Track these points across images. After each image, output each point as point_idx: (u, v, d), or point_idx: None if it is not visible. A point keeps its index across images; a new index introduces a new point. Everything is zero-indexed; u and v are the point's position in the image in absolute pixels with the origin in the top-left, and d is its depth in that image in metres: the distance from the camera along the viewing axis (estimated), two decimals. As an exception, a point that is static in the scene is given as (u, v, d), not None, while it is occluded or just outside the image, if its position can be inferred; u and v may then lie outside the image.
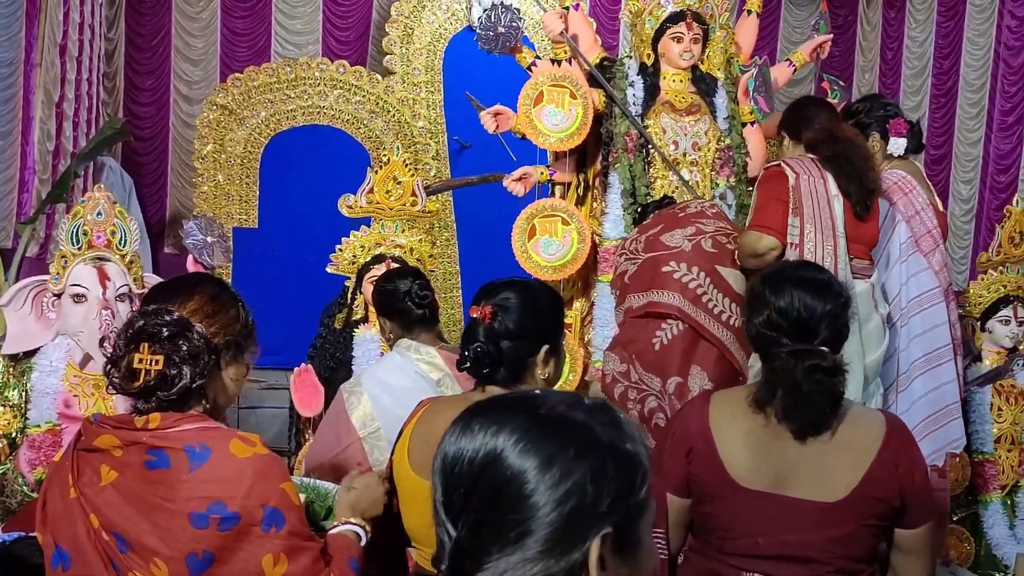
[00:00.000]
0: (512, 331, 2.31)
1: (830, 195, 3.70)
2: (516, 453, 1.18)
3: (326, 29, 9.09)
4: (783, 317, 2.32)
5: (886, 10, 10.41)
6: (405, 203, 4.54)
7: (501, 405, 1.27)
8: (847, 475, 2.30)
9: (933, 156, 9.89)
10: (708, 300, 3.64)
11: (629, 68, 4.70)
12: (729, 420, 2.37)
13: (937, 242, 3.96)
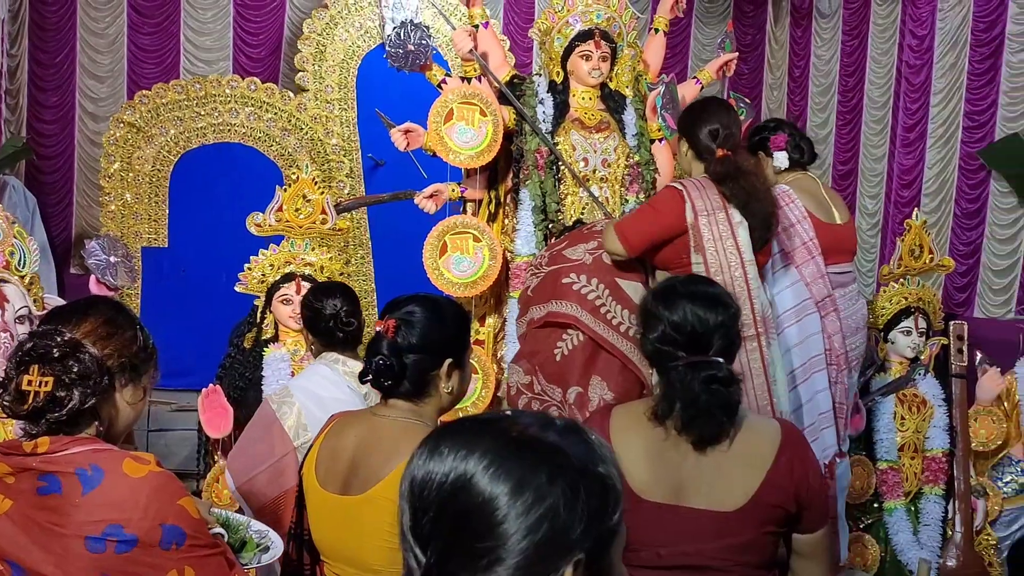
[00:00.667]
0: (414, 345, 2.33)
1: (733, 223, 3.67)
2: (487, 478, 1.14)
3: (237, 46, 9.00)
4: (677, 331, 2.37)
5: (793, 29, 10.64)
6: (315, 221, 4.51)
7: (470, 427, 1.23)
8: (745, 484, 2.35)
9: (840, 171, 10.11)
10: (607, 311, 3.67)
11: (539, 86, 4.72)
12: (629, 433, 2.40)
13: (812, 254, 3.97)
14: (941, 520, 4.76)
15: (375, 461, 2.29)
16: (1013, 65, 8.56)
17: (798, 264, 3.98)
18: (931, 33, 9.21)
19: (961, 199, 8.92)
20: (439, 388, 2.36)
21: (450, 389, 2.37)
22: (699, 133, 3.81)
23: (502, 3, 9.48)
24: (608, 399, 3.55)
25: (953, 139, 9.04)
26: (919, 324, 4.82)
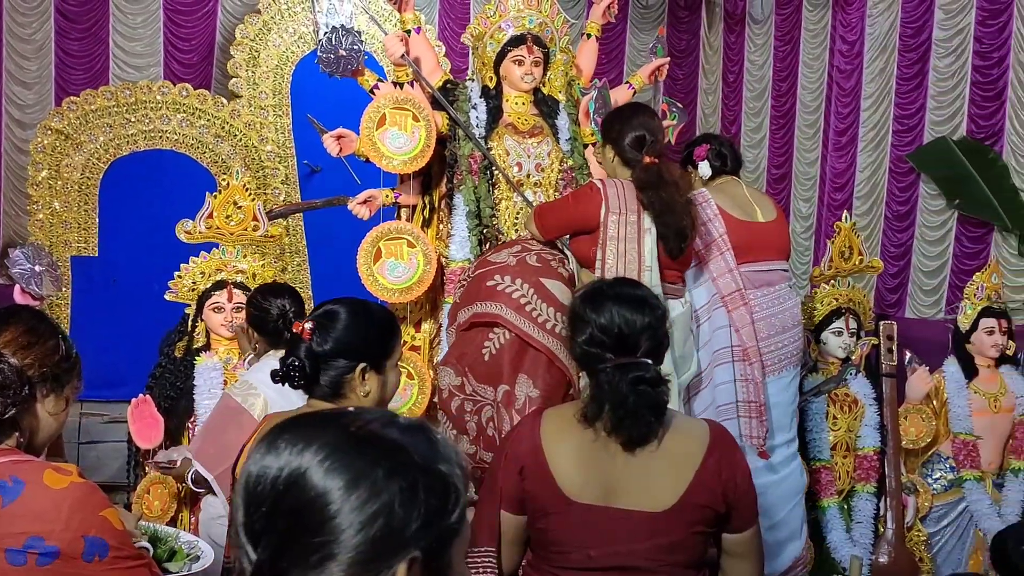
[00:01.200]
0: (326, 348, 2.37)
1: (642, 229, 3.76)
2: (322, 472, 1.12)
3: (168, 51, 8.89)
4: (605, 333, 2.40)
5: (727, 35, 10.75)
6: (246, 228, 4.46)
7: (310, 422, 1.21)
8: (673, 484, 2.38)
9: (774, 175, 10.24)
10: (532, 309, 3.69)
11: (472, 91, 4.72)
12: (559, 436, 2.42)
13: (721, 250, 4.04)
14: (873, 517, 4.82)
15: None
16: (940, 70, 8.72)
17: (707, 261, 4.05)
18: (861, 38, 9.37)
19: (892, 202, 9.08)
20: (356, 392, 2.39)
21: (366, 394, 2.40)
22: (624, 141, 3.90)
23: (437, 8, 9.48)
24: (534, 396, 3.58)
25: (883, 143, 9.19)
26: (850, 325, 4.88)
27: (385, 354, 2.45)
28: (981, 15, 8.38)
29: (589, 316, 2.42)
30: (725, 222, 4.10)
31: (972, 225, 8.45)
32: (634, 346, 2.39)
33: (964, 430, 5.04)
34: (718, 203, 4.14)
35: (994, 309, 5.13)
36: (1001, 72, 8.26)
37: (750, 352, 4.00)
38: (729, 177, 4.35)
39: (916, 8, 8.89)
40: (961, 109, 8.56)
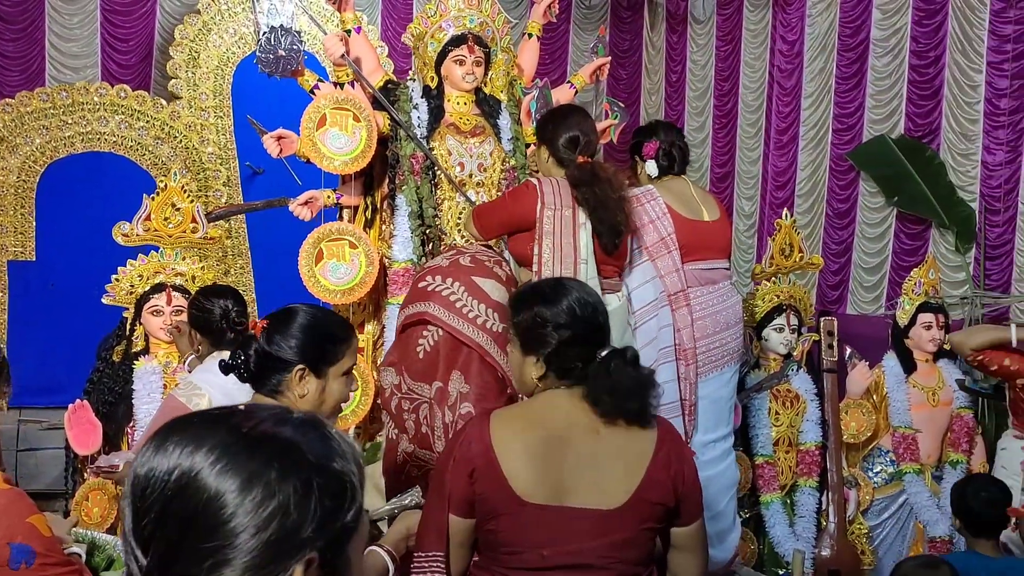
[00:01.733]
0: (268, 347, 2.43)
1: (577, 224, 3.82)
2: (214, 474, 1.08)
3: (105, 52, 8.74)
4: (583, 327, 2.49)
5: (669, 35, 10.81)
6: (185, 230, 4.41)
7: (202, 421, 1.17)
8: (626, 481, 2.41)
9: (718, 174, 10.31)
10: (463, 306, 3.69)
11: (413, 91, 4.71)
12: (510, 437, 2.42)
13: (669, 248, 4.08)
14: (815, 511, 4.88)
15: None
16: (878, 69, 8.83)
17: (655, 258, 4.08)
18: (801, 38, 9.46)
19: (832, 199, 9.17)
20: (293, 392, 2.43)
21: (302, 396, 2.42)
22: (558, 141, 3.97)
23: (379, 9, 9.43)
24: (465, 392, 3.59)
25: (824, 141, 9.29)
26: (791, 321, 4.93)
27: (326, 360, 2.47)
28: (917, 15, 8.50)
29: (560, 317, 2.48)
30: (673, 220, 4.13)
31: (911, 222, 8.57)
32: (601, 332, 2.51)
33: (903, 424, 5.12)
34: (666, 201, 4.17)
35: (931, 304, 5.22)
36: (937, 71, 8.38)
37: (688, 353, 4.05)
38: (675, 176, 4.37)
39: (854, 8, 8.99)
40: (899, 108, 8.67)
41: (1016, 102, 7.79)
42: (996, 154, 7.93)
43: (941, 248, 8.25)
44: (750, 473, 4.74)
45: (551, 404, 2.48)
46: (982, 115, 8.03)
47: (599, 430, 2.43)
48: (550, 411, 2.46)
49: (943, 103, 8.34)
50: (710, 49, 10.43)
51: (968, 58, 8.12)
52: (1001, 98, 7.88)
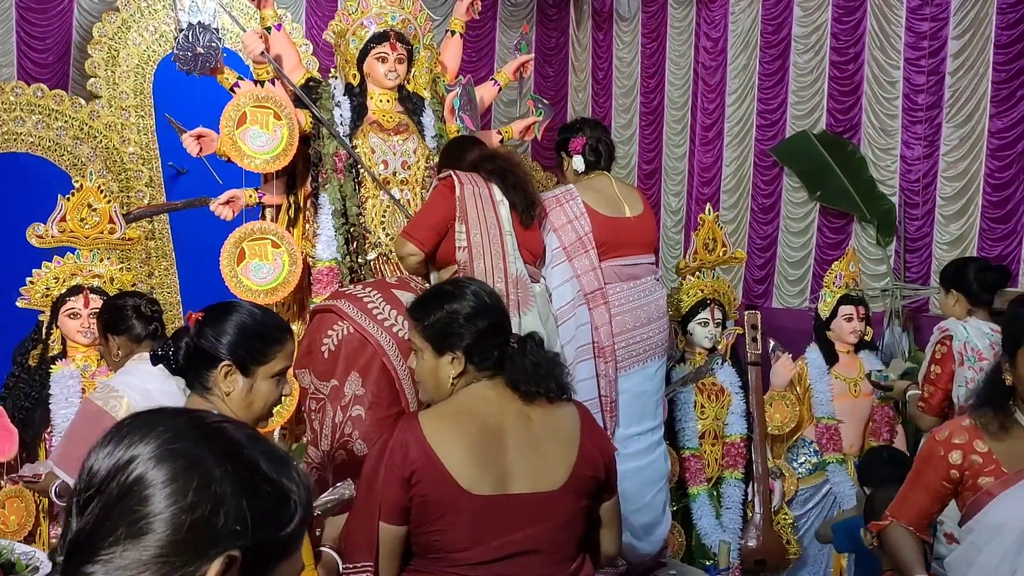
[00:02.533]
0: (198, 340, 2.39)
1: (495, 200, 3.90)
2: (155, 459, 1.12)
3: (21, 51, 8.54)
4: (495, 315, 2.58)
5: (595, 32, 10.86)
6: (102, 231, 4.33)
7: (154, 415, 1.20)
8: (563, 460, 2.49)
9: (645, 171, 10.38)
10: (374, 308, 3.66)
11: (335, 88, 4.68)
12: (446, 434, 2.44)
13: (587, 247, 4.11)
14: (741, 503, 4.94)
15: None
16: (800, 66, 8.95)
17: (572, 258, 4.10)
18: (724, 35, 9.57)
19: (757, 195, 9.29)
20: (220, 389, 2.38)
21: (227, 393, 2.38)
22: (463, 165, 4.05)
23: (304, 6, 9.35)
24: (360, 395, 3.56)
25: (748, 137, 9.40)
26: (715, 315, 4.98)
27: (255, 359, 2.42)
28: (837, 12, 8.63)
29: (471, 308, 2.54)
30: (591, 219, 4.15)
31: (833, 216, 8.70)
32: (507, 318, 2.63)
33: (826, 414, 5.20)
34: (585, 200, 4.19)
35: (852, 296, 5.30)
36: (857, 68, 8.52)
37: (606, 351, 4.08)
38: (600, 171, 4.39)
39: (775, 6, 9.11)
40: (820, 104, 8.80)
41: (933, 98, 7.95)
42: (914, 149, 8.09)
43: (863, 241, 8.39)
44: (677, 466, 4.78)
45: (478, 396, 2.51)
46: (900, 111, 8.18)
47: (530, 415, 2.50)
48: (479, 403, 2.50)
49: (863, 99, 8.49)
50: (636, 46, 10.50)
51: (886, 55, 8.27)
52: (919, 94, 8.04)
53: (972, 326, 4.26)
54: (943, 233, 7.92)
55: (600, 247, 4.14)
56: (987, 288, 4.44)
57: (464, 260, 3.80)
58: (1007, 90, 7.54)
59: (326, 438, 3.58)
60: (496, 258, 3.79)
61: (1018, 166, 7.51)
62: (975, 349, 4.19)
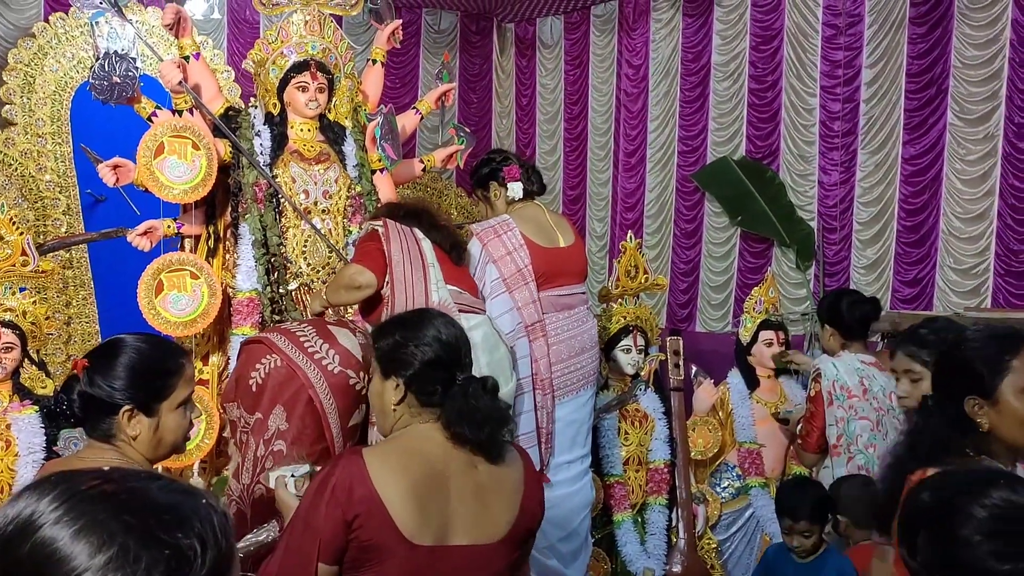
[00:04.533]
0: (91, 389, 2.26)
1: (417, 236, 3.87)
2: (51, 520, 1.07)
3: (-66, 77, 8.36)
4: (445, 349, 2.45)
5: (518, 59, 10.94)
6: (14, 263, 4.24)
7: (57, 477, 1.15)
8: (506, 512, 2.41)
9: (570, 196, 10.45)
10: (306, 341, 3.61)
11: (255, 117, 4.65)
12: (391, 477, 2.31)
13: (526, 279, 4.13)
14: (666, 528, 4.95)
15: None
16: (720, 93, 9.11)
17: (512, 290, 4.10)
18: (645, 63, 9.70)
19: (679, 220, 9.40)
20: (125, 433, 2.26)
21: (135, 435, 2.26)
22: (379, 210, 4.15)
23: (225, 33, 9.28)
24: (283, 429, 3.51)
25: (670, 163, 9.52)
26: (637, 341, 5.01)
27: (155, 396, 2.29)
28: (755, 40, 8.80)
29: (424, 338, 2.44)
30: (529, 250, 4.16)
31: (754, 241, 8.84)
32: (466, 359, 2.48)
33: (748, 439, 5.25)
34: (522, 231, 4.19)
35: (772, 322, 5.36)
36: (775, 95, 8.69)
37: (545, 383, 4.10)
38: (529, 201, 4.40)
39: (695, 34, 9.27)
40: (740, 130, 8.95)
41: (848, 124, 8.14)
42: (831, 174, 8.26)
43: (783, 266, 8.53)
44: (601, 493, 4.80)
45: (424, 437, 2.41)
46: (818, 137, 8.35)
47: (476, 464, 2.39)
48: (426, 445, 2.39)
49: (781, 125, 8.65)
50: (559, 73, 10.60)
51: (803, 82, 8.45)
52: (834, 121, 8.22)
53: (843, 362, 4.31)
54: (860, 257, 8.09)
55: (537, 278, 4.15)
56: (860, 321, 4.52)
57: (387, 293, 3.76)
58: (919, 118, 7.74)
59: (247, 471, 3.52)
60: (418, 286, 3.76)
61: (931, 191, 7.70)
62: (844, 387, 4.23)
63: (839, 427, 4.15)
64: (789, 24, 8.53)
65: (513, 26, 10.95)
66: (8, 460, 3.88)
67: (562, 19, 10.54)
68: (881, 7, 7.90)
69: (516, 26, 10.93)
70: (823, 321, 4.60)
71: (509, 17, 10.81)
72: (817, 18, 8.31)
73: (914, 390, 3.16)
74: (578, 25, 10.41)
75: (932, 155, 7.68)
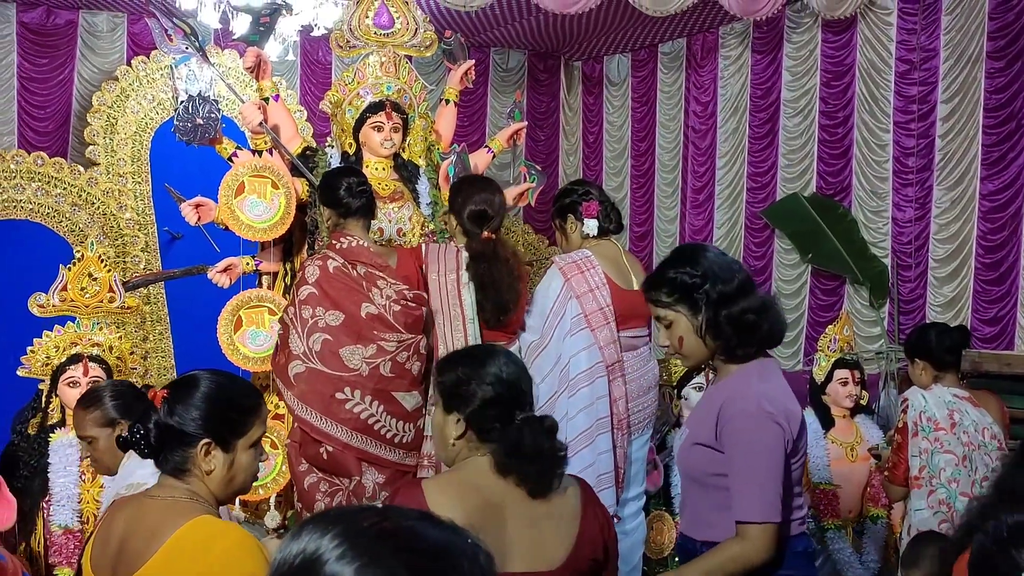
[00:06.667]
0: (171, 419, 2.25)
1: (460, 284, 4.00)
2: (335, 556, 1.14)
3: (22, 120, 8.64)
4: (505, 387, 2.44)
5: (585, 96, 11.00)
6: (102, 300, 4.35)
7: (336, 513, 1.23)
8: (563, 540, 2.42)
9: (636, 233, 10.45)
10: (380, 426, 3.71)
11: (331, 157, 4.74)
12: (449, 506, 2.33)
13: (608, 319, 4.14)
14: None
15: (138, 543, 2.19)
16: (789, 129, 9.06)
17: (594, 328, 4.12)
18: (714, 100, 9.70)
19: (748, 257, 9.34)
20: (199, 469, 2.26)
21: (210, 471, 2.27)
22: (464, 213, 4.14)
23: (298, 73, 9.46)
24: (381, 482, 3.59)
25: (739, 200, 9.48)
26: (709, 378, 4.97)
27: (235, 432, 2.31)
28: (825, 76, 8.76)
29: (485, 375, 2.44)
30: (611, 290, 4.18)
31: (825, 278, 8.75)
32: (525, 397, 2.47)
33: (823, 479, 5.16)
34: (604, 270, 4.22)
35: (847, 360, 5.28)
36: (846, 131, 8.63)
37: (623, 423, 4.11)
38: (606, 239, 4.41)
39: (764, 71, 9.25)
40: (810, 167, 8.89)
41: (923, 160, 8.04)
42: (906, 211, 8.16)
43: (856, 303, 8.43)
44: (673, 533, 4.76)
45: (483, 471, 2.44)
46: (891, 173, 8.26)
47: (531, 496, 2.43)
48: (483, 478, 2.42)
49: (853, 161, 8.58)
50: (626, 110, 10.64)
51: (876, 118, 8.37)
52: (908, 157, 8.13)
53: (933, 395, 4.25)
54: (936, 295, 7.96)
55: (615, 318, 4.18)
56: (950, 351, 4.45)
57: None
58: (997, 153, 7.62)
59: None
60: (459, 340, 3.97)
61: (1010, 228, 7.57)
62: (931, 418, 4.16)
63: (922, 459, 4.09)
64: (861, 60, 8.47)
65: (580, 64, 11.02)
66: (95, 491, 3.97)
67: (629, 56, 10.59)
68: (957, 42, 7.81)
69: (583, 64, 11.00)
70: (912, 356, 4.54)
71: (577, 55, 10.89)
72: (891, 53, 8.23)
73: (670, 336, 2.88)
74: (645, 62, 10.44)
75: (1012, 191, 7.55)
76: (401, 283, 4.00)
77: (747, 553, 2.60)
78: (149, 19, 4.50)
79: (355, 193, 4.09)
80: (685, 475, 2.90)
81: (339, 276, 3.95)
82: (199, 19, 6.25)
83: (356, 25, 4.77)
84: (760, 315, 2.72)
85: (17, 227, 7.72)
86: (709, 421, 2.71)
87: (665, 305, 2.79)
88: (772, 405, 2.64)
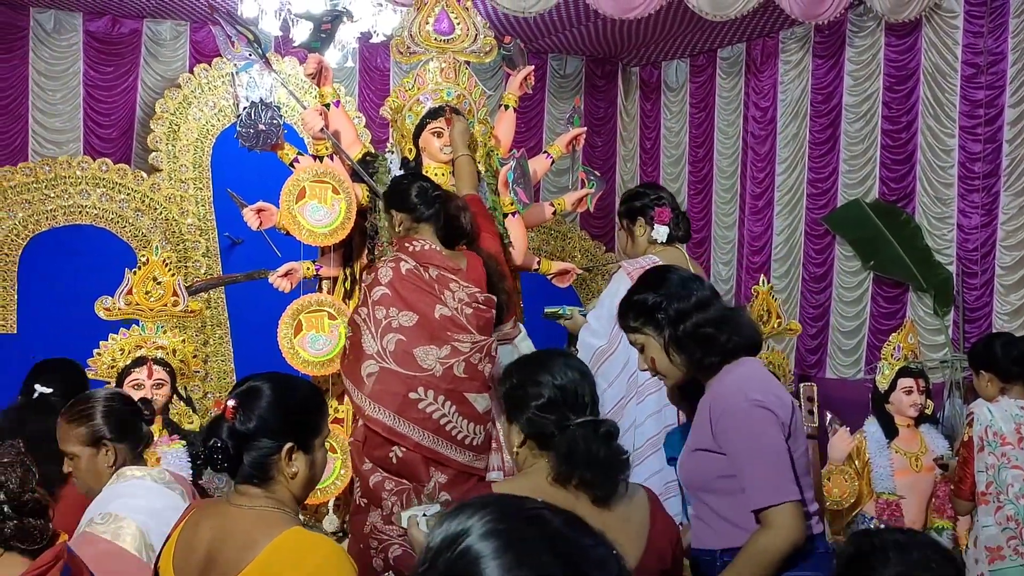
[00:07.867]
0: (250, 427, 2.25)
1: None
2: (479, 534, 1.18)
3: (87, 127, 8.78)
4: (563, 393, 2.44)
5: (643, 102, 10.95)
6: (166, 303, 4.41)
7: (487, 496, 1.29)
8: (632, 548, 2.40)
9: (695, 240, 10.35)
10: (452, 427, 3.74)
11: (391, 162, 4.76)
12: None
13: None
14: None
15: (230, 553, 2.20)
16: (851, 134, 8.94)
17: None
18: (773, 105, 9.60)
19: (808, 264, 9.23)
20: (284, 473, 2.27)
21: (293, 475, 2.28)
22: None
23: (357, 80, 9.52)
24: (443, 482, 3.61)
25: (798, 206, 9.37)
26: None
27: (313, 432, 2.34)
28: (888, 81, 8.63)
29: (540, 381, 2.45)
30: None
31: (888, 285, 8.62)
32: (583, 402, 2.46)
33: (887, 489, 5.09)
34: None
35: (911, 369, 5.21)
36: (910, 136, 8.49)
37: None
38: (674, 245, 4.36)
39: (826, 75, 9.14)
40: (873, 172, 8.76)
41: (989, 166, 7.89)
42: (971, 217, 8.02)
43: (919, 311, 8.29)
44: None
45: (545, 477, 2.45)
46: (956, 179, 8.11)
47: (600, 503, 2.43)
48: (546, 484, 2.43)
49: (917, 167, 8.44)
50: (684, 116, 10.57)
51: (940, 123, 8.23)
52: (975, 162, 7.98)
53: (1000, 408, 4.16)
54: (1003, 303, 7.81)
55: None
56: (1016, 362, 4.35)
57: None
58: (1066, 157, 7.48)
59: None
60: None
61: (1080, 235, 7.42)
62: (998, 433, 4.07)
63: (989, 474, 4.01)
64: (926, 63, 8.33)
65: (638, 70, 10.98)
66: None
67: (687, 62, 10.52)
68: (1024, 45, 7.68)
69: (641, 70, 10.96)
70: (977, 368, 4.46)
71: (634, 61, 10.85)
72: (956, 57, 8.09)
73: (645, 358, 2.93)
74: (704, 68, 10.37)
75: (1082, 198, 7.40)
76: (473, 286, 4.03)
77: (775, 541, 2.57)
78: (214, 27, 4.55)
79: (429, 199, 4.11)
80: (692, 488, 2.89)
81: (412, 278, 3.98)
82: (260, 26, 6.32)
83: (416, 31, 4.80)
84: (718, 327, 2.77)
85: (82, 232, 7.87)
86: (704, 426, 2.73)
87: (634, 329, 2.88)
88: (755, 394, 2.67)
